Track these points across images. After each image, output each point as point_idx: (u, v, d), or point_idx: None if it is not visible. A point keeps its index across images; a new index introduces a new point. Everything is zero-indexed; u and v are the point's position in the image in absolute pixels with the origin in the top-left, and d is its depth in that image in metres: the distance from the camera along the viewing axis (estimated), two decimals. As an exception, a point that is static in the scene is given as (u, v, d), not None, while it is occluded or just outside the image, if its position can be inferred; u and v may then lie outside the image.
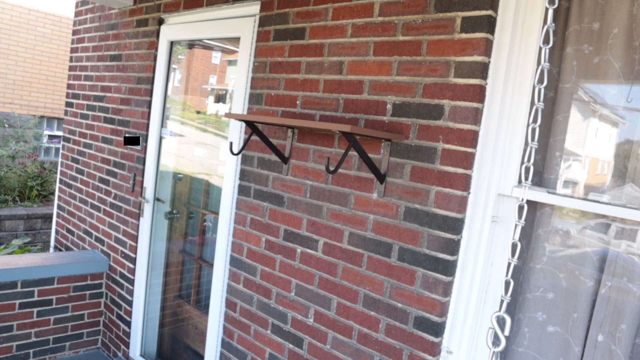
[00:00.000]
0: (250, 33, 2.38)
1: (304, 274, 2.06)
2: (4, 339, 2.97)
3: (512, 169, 1.61)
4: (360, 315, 1.85)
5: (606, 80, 1.50)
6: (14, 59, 8.76)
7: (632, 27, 1.45)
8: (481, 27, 1.55)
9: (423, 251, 1.68)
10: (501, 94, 1.59)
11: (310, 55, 2.07)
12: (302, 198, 2.07)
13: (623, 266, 1.45)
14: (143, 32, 3.10)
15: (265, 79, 2.26)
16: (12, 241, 5.17)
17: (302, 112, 2.09)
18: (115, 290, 3.31)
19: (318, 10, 2.05)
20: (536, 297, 1.61)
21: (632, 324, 1.43)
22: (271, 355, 2.19)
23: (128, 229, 3.18)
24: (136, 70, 3.15)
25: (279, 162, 2.18)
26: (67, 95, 3.96)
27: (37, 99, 9.12)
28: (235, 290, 2.37)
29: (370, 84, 1.85)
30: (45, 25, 9.10)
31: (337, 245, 1.94)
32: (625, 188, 1.46)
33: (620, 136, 1.50)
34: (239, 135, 2.44)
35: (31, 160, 7.52)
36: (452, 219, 1.61)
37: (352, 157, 1.90)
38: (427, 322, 1.67)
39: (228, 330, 2.41)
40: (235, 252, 2.39)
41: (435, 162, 1.65)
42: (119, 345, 3.27)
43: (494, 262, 1.65)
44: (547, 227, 1.60)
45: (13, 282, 2.96)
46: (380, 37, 1.82)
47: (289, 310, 2.12)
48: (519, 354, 1.64)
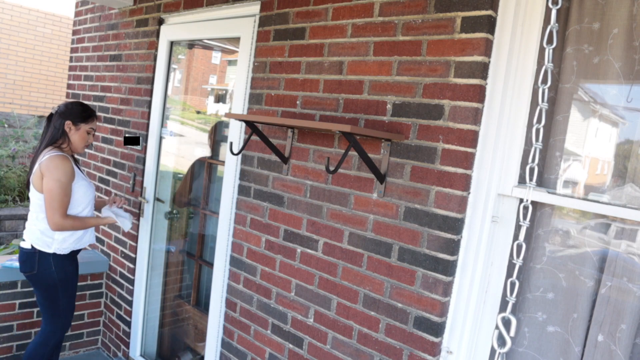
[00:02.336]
0: (250, 33, 2.38)
1: (304, 274, 2.06)
2: (4, 339, 2.97)
3: (512, 169, 1.61)
4: (360, 315, 1.86)
5: (606, 80, 1.50)
6: (14, 59, 8.76)
7: (632, 27, 1.45)
8: (481, 27, 1.55)
9: (423, 251, 1.68)
10: (501, 94, 1.59)
11: (310, 55, 2.07)
12: (302, 198, 2.07)
13: (623, 266, 1.45)
14: (143, 32, 3.10)
15: (265, 79, 2.26)
16: (12, 241, 5.17)
17: (302, 112, 2.09)
18: (115, 290, 3.31)
19: (318, 10, 2.05)
20: (536, 297, 1.61)
21: (632, 324, 1.43)
22: (271, 355, 2.19)
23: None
24: (136, 70, 3.15)
25: (279, 162, 2.18)
26: (67, 95, 3.96)
27: (37, 99, 9.12)
28: (235, 290, 2.37)
29: (370, 84, 1.85)
30: (45, 25, 9.10)
31: (337, 245, 1.94)
32: (625, 188, 1.46)
33: (620, 136, 1.50)
34: (239, 135, 2.44)
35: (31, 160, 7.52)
36: (452, 219, 1.61)
37: (352, 157, 1.90)
38: (427, 322, 1.67)
39: (228, 330, 2.41)
40: (235, 252, 2.39)
41: (435, 162, 1.65)
42: (119, 345, 3.27)
43: (494, 262, 1.66)
44: (547, 227, 1.60)
45: (13, 282, 2.96)
46: (380, 37, 1.82)
47: (289, 310, 2.12)
48: (519, 354, 1.65)
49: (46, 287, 2.50)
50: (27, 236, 2.49)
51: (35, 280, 2.49)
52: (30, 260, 2.46)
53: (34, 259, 2.45)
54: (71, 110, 2.48)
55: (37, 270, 2.46)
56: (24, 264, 2.48)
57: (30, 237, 2.47)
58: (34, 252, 2.45)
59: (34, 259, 2.45)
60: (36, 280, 2.49)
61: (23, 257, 2.49)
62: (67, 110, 2.47)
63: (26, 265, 2.48)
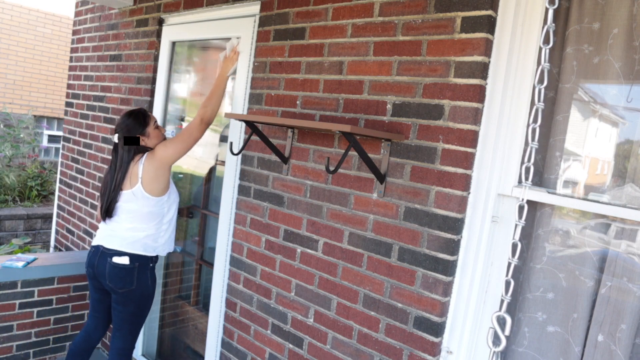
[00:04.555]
0: (250, 33, 2.38)
1: (304, 274, 2.06)
2: (4, 339, 2.97)
3: (512, 169, 1.61)
4: (360, 315, 1.86)
5: (606, 80, 1.50)
6: (14, 59, 8.76)
7: (632, 27, 1.45)
8: (481, 27, 1.55)
9: (423, 251, 1.68)
10: (501, 94, 1.59)
11: (310, 55, 2.07)
12: (302, 198, 2.07)
13: (623, 266, 1.45)
14: (143, 32, 3.10)
15: (265, 79, 2.26)
16: (12, 241, 5.17)
17: (302, 112, 2.09)
18: (115, 290, 3.31)
19: (318, 10, 2.05)
20: (536, 297, 1.61)
21: (632, 324, 1.43)
22: (271, 355, 2.19)
23: (128, 229, 3.17)
24: (136, 70, 3.15)
25: (279, 162, 2.18)
26: (67, 95, 3.96)
27: (37, 99, 9.12)
28: (236, 290, 2.37)
29: (370, 84, 1.85)
30: (45, 25, 9.10)
31: (337, 245, 1.94)
32: (625, 188, 1.46)
33: (620, 136, 1.50)
34: (239, 135, 2.44)
35: (31, 160, 7.52)
36: (452, 219, 1.61)
37: (352, 157, 1.90)
38: (427, 322, 1.67)
39: (228, 330, 2.41)
40: (235, 252, 2.39)
41: (435, 162, 1.65)
42: (119, 345, 3.27)
43: (494, 262, 1.65)
44: (547, 227, 1.60)
45: (13, 282, 2.96)
46: (380, 37, 1.82)
47: (289, 310, 2.12)
48: (519, 354, 1.65)
49: (139, 302, 2.43)
50: (127, 248, 2.38)
51: (130, 295, 2.41)
52: (130, 275, 2.38)
53: (132, 273, 2.38)
54: (132, 126, 2.39)
55: (136, 285, 2.39)
56: (122, 281, 2.37)
57: (132, 248, 2.38)
58: (133, 267, 2.37)
59: (132, 273, 2.38)
60: (132, 296, 2.41)
61: (121, 274, 2.37)
62: (129, 129, 2.38)
63: (125, 281, 2.38)
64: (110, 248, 2.39)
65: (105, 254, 2.39)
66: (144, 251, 2.40)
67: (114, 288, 2.40)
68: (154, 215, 2.39)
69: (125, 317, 2.47)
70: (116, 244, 2.39)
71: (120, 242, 2.39)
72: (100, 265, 2.40)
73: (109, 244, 2.40)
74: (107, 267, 2.38)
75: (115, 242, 2.39)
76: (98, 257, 2.41)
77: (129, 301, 2.43)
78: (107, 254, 2.38)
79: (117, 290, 2.40)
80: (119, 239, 2.39)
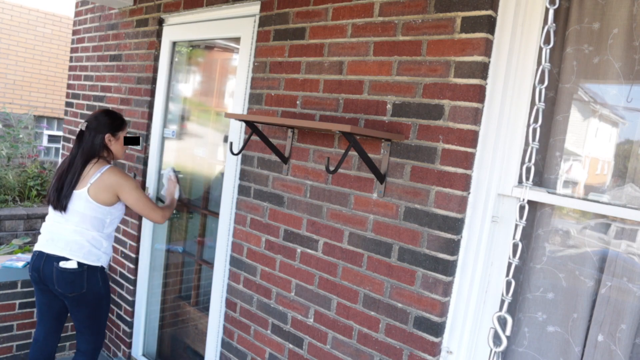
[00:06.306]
0: (250, 33, 2.38)
1: (304, 274, 2.06)
2: (4, 339, 2.97)
3: (512, 169, 1.61)
4: (360, 315, 1.86)
5: (606, 80, 1.50)
6: (14, 59, 8.76)
7: (632, 27, 1.45)
8: (481, 27, 1.55)
9: (423, 251, 1.68)
10: (501, 94, 1.59)
11: (310, 55, 2.07)
12: (302, 198, 2.08)
13: (623, 266, 1.45)
14: (143, 32, 3.10)
15: (265, 79, 2.26)
16: (12, 241, 5.17)
17: (302, 112, 2.09)
18: (115, 290, 3.31)
19: (318, 10, 2.05)
20: (536, 297, 1.61)
21: (632, 324, 1.43)
22: (271, 355, 2.19)
23: (128, 229, 3.18)
24: (136, 70, 3.15)
25: (279, 162, 2.18)
26: (67, 95, 3.96)
27: (37, 99, 9.12)
28: (235, 290, 2.37)
29: (370, 84, 1.85)
30: (45, 25, 9.10)
31: (337, 245, 1.94)
32: (625, 188, 1.46)
33: (620, 136, 1.50)
34: (239, 135, 2.44)
35: (31, 160, 7.52)
36: (452, 219, 1.61)
37: (352, 157, 1.90)
38: (427, 322, 1.67)
39: (228, 330, 2.41)
40: (235, 252, 2.39)
41: (435, 162, 1.65)
42: (119, 345, 3.27)
43: (494, 262, 1.66)
44: (547, 227, 1.60)
45: (13, 282, 2.96)
46: (380, 37, 1.82)
47: (289, 310, 2.12)
48: (519, 354, 1.65)
49: (94, 304, 2.40)
50: (72, 253, 2.31)
51: (83, 299, 2.36)
52: (79, 279, 2.32)
53: (82, 277, 2.32)
54: (105, 123, 2.39)
55: (87, 289, 2.33)
56: (72, 285, 2.31)
57: (77, 253, 2.32)
58: (81, 270, 2.31)
59: (82, 277, 2.32)
60: (84, 300, 2.36)
61: (70, 278, 2.30)
62: (100, 124, 2.38)
63: (75, 285, 2.31)
64: (53, 254, 2.31)
65: (51, 258, 2.32)
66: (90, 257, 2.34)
67: (63, 293, 2.33)
68: (97, 221, 2.35)
69: (82, 319, 2.43)
70: (59, 250, 2.32)
71: (64, 247, 2.32)
72: (46, 269, 2.32)
73: (52, 249, 2.33)
74: (54, 272, 2.30)
75: (58, 248, 2.32)
76: (43, 260, 2.33)
77: (82, 305, 2.38)
78: (53, 258, 2.31)
79: (67, 295, 2.34)
80: (63, 242, 2.33)
